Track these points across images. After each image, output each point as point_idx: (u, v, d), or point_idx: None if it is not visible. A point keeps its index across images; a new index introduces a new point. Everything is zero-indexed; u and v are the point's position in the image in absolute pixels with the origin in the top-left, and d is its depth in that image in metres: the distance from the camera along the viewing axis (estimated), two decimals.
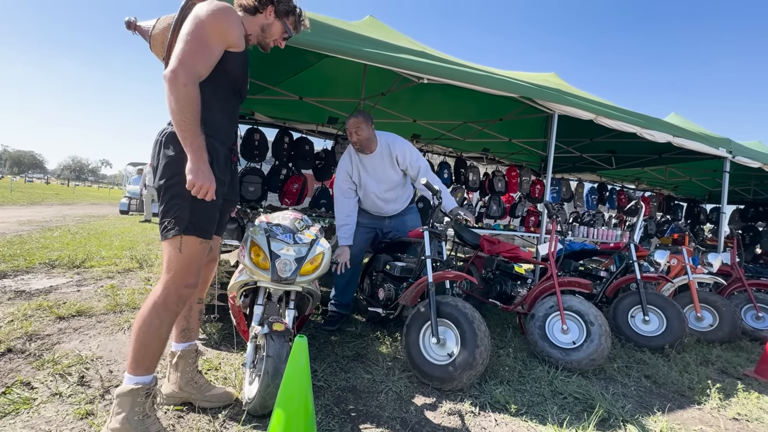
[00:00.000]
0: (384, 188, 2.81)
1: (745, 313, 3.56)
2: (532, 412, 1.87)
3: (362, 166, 2.77)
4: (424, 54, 2.70)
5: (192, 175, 1.30)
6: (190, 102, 1.28)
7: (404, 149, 2.75)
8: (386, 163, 2.75)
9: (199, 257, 1.44)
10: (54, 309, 2.66)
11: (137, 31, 1.55)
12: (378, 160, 2.74)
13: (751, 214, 7.53)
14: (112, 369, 1.94)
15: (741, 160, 4.36)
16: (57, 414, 1.53)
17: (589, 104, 3.39)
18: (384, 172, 2.77)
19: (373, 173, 2.77)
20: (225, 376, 1.96)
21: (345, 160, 2.81)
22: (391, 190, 2.84)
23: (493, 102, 4.05)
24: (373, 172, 2.77)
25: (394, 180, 2.81)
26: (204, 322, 2.52)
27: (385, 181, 2.79)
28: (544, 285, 2.74)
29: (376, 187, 2.80)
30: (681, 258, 3.54)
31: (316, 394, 1.83)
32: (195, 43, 1.30)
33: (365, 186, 2.80)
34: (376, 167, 2.75)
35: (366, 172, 2.77)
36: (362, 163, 2.76)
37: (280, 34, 1.61)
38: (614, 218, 7.23)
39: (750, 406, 2.13)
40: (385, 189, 2.82)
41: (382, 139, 2.74)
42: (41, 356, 2.00)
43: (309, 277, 1.77)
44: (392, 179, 2.80)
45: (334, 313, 2.86)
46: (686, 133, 3.93)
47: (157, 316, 1.37)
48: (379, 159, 2.74)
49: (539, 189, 6.01)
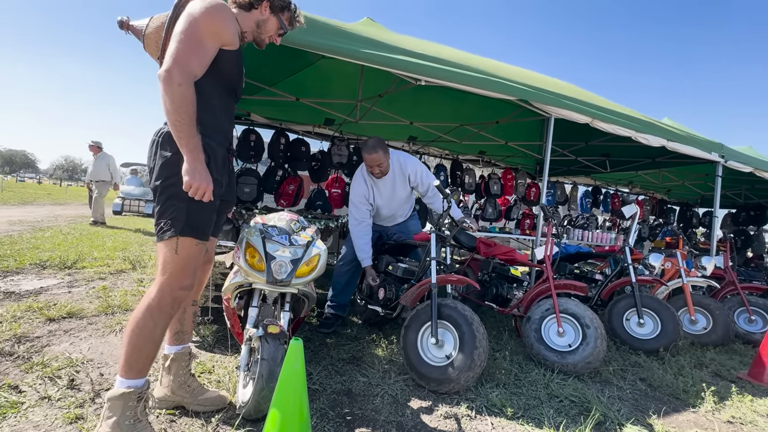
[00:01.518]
0: (395, 206, 2.90)
1: (738, 316, 3.59)
2: (528, 415, 1.86)
3: (377, 189, 2.82)
4: (422, 55, 2.69)
5: (188, 176, 1.28)
6: (185, 102, 1.26)
7: (416, 167, 2.83)
8: (398, 182, 2.82)
9: (196, 259, 1.42)
10: (44, 310, 2.62)
11: (130, 30, 1.53)
12: (391, 181, 2.80)
13: (742, 218, 7.62)
14: (103, 372, 1.91)
15: (733, 165, 4.40)
16: (46, 418, 1.50)
17: (586, 107, 3.40)
18: (395, 191, 2.84)
19: (386, 193, 2.83)
20: (219, 379, 1.93)
21: (360, 185, 2.78)
22: (400, 207, 2.93)
23: (490, 104, 4.06)
24: (385, 193, 2.83)
25: (403, 197, 2.90)
26: (198, 324, 2.49)
27: (395, 199, 2.87)
28: (540, 288, 2.74)
29: (387, 205, 2.87)
30: (675, 261, 3.57)
31: (311, 398, 1.81)
32: (189, 41, 1.28)
33: (378, 206, 2.87)
34: (389, 188, 2.82)
35: (380, 193, 2.82)
36: (376, 186, 2.81)
37: (276, 30, 1.60)
38: (608, 221, 7.29)
39: (744, 409, 2.15)
40: (395, 206, 2.90)
41: (393, 158, 2.78)
42: (30, 359, 1.96)
43: (305, 279, 1.75)
44: (401, 197, 2.89)
45: (330, 316, 2.84)
46: (680, 137, 3.97)
47: (150, 318, 1.35)
48: (392, 180, 2.80)
49: (534, 192, 6.04)
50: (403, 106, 4.48)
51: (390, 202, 2.87)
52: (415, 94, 4.05)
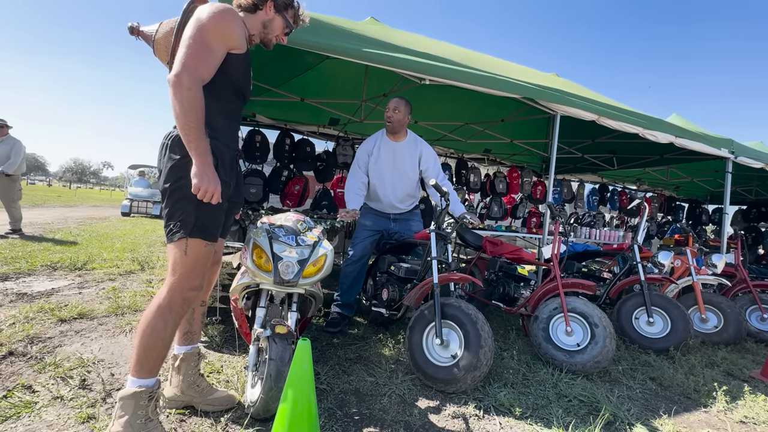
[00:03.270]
0: (399, 180, 2.87)
1: (749, 315, 3.54)
2: (536, 415, 1.85)
3: (385, 150, 2.81)
4: (426, 55, 2.69)
5: (197, 179, 1.29)
6: (194, 106, 1.27)
7: (429, 151, 2.90)
8: (408, 155, 2.83)
9: (205, 260, 1.43)
10: (55, 311, 2.66)
11: (140, 36, 1.55)
12: (403, 150, 2.82)
13: (753, 215, 7.51)
14: (114, 372, 1.93)
15: (743, 161, 4.34)
16: (58, 418, 1.52)
17: (592, 105, 3.37)
18: (402, 163, 2.84)
19: (392, 160, 2.82)
20: (227, 379, 1.95)
21: (369, 141, 2.87)
22: (403, 186, 2.91)
23: (495, 103, 4.04)
24: (392, 159, 2.82)
25: (410, 176, 2.89)
26: (206, 324, 2.51)
27: (401, 171, 2.85)
28: (548, 286, 2.72)
29: (391, 174, 2.84)
30: (685, 259, 3.52)
31: (319, 398, 1.81)
32: (197, 46, 1.29)
33: (382, 173, 2.83)
34: (399, 155, 2.82)
35: (387, 156, 2.81)
36: (386, 147, 2.81)
37: (282, 28, 1.61)
38: (615, 219, 7.21)
39: (757, 408, 2.11)
40: (399, 181, 2.88)
41: (412, 135, 2.86)
42: (43, 359, 1.99)
43: (311, 279, 1.76)
44: (408, 174, 2.87)
45: (337, 315, 2.84)
46: (688, 133, 3.92)
47: (161, 318, 1.37)
48: (403, 149, 2.82)
49: (540, 190, 6.00)
50: None
51: (394, 172, 2.82)
52: (419, 93, 4.04)
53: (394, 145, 2.80)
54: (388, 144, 2.81)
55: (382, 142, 2.82)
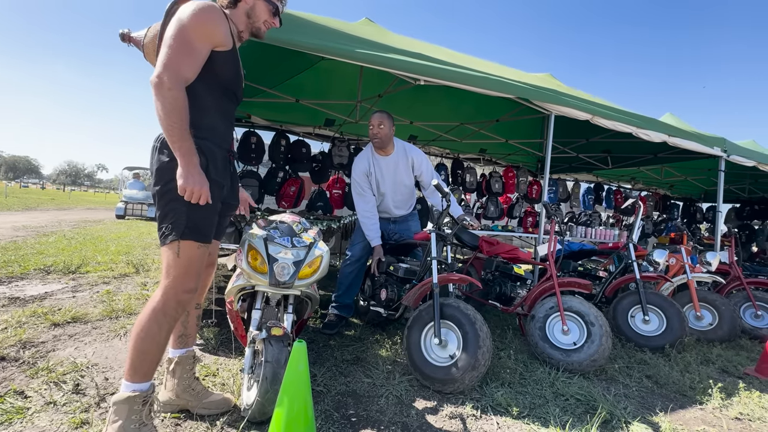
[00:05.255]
0: (398, 192, 2.89)
1: (744, 312, 3.57)
2: (533, 414, 1.85)
3: (379, 168, 2.80)
4: (420, 55, 2.69)
5: (182, 180, 1.28)
6: (176, 106, 1.25)
7: (420, 156, 2.88)
8: (402, 166, 2.82)
9: (198, 262, 1.42)
10: (49, 315, 2.63)
11: (132, 42, 1.55)
12: (394, 163, 2.80)
13: (746, 213, 7.58)
14: (108, 376, 1.91)
15: (736, 159, 4.38)
16: (51, 423, 1.50)
17: (586, 104, 3.39)
18: (398, 175, 2.83)
19: (389, 175, 2.82)
20: (223, 382, 1.93)
21: (362, 162, 2.83)
22: (402, 195, 2.92)
23: (490, 103, 4.05)
24: (388, 174, 2.82)
25: (407, 185, 2.90)
26: (201, 327, 2.49)
27: (399, 183, 2.86)
28: (544, 286, 2.73)
29: (391, 189, 2.86)
30: (680, 257, 3.54)
31: (316, 399, 1.81)
32: (178, 45, 1.27)
33: (381, 188, 2.85)
34: (392, 170, 2.81)
35: (382, 174, 2.81)
36: (379, 165, 2.80)
37: (268, 12, 1.56)
38: (611, 218, 7.26)
39: (752, 405, 2.13)
40: (398, 192, 2.89)
41: (399, 144, 2.81)
42: (35, 364, 1.97)
43: (307, 281, 1.75)
44: (405, 183, 2.88)
45: (334, 317, 2.84)
46: (681, 132, 3.95)
47: (155, 322, 1.35)
48: (395, 162, 2.80)
49: (536, 190, 6.02)
50: (402, 105, 4.48)
51: (394, 185, 2.84)
52: (414, 94, 4.05)
53: (388, 160, 2.78)
54: (381, 161, 2.78)
55: (374, 159, 2.79)
